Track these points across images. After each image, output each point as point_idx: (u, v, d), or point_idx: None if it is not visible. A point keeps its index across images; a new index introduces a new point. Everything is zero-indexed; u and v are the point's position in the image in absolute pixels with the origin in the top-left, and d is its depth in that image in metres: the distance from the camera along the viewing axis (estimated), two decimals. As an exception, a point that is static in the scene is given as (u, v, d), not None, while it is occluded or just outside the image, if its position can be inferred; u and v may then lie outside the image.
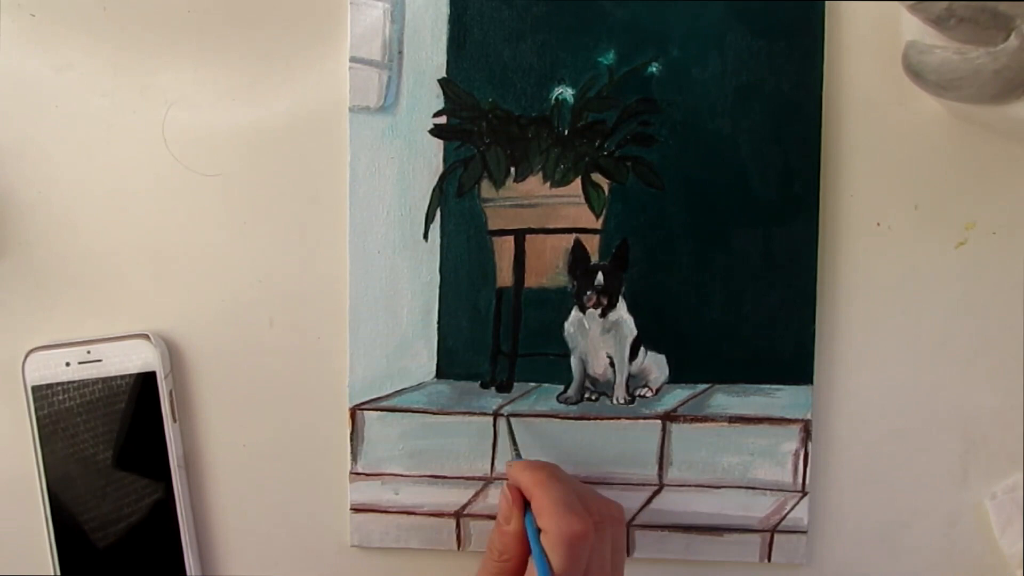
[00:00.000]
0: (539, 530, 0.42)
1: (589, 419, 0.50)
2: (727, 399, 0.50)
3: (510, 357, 0.50)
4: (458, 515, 0.51)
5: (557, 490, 0.42)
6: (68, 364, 0.50)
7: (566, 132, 0.49)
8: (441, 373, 0.50)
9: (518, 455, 0.48)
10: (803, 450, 0.50)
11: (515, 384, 0.50)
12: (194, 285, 0.51)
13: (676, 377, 0.50)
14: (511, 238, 0.50)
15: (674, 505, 0.50)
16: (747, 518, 0.50)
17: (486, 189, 0.50)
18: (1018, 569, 0.49)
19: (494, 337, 0.50)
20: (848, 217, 0.49)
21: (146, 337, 0.50)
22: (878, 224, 0.49)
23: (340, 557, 0.52)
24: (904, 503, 0.50)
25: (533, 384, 0.50)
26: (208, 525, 0.52)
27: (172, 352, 0.51)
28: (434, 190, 0.50)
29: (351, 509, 0.51)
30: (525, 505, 0.43)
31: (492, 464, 0.51)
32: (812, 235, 0.49)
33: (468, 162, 0.50)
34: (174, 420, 0.50)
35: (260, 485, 0.52)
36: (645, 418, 0.50)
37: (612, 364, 0.50)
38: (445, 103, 0.49)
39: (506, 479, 0.46)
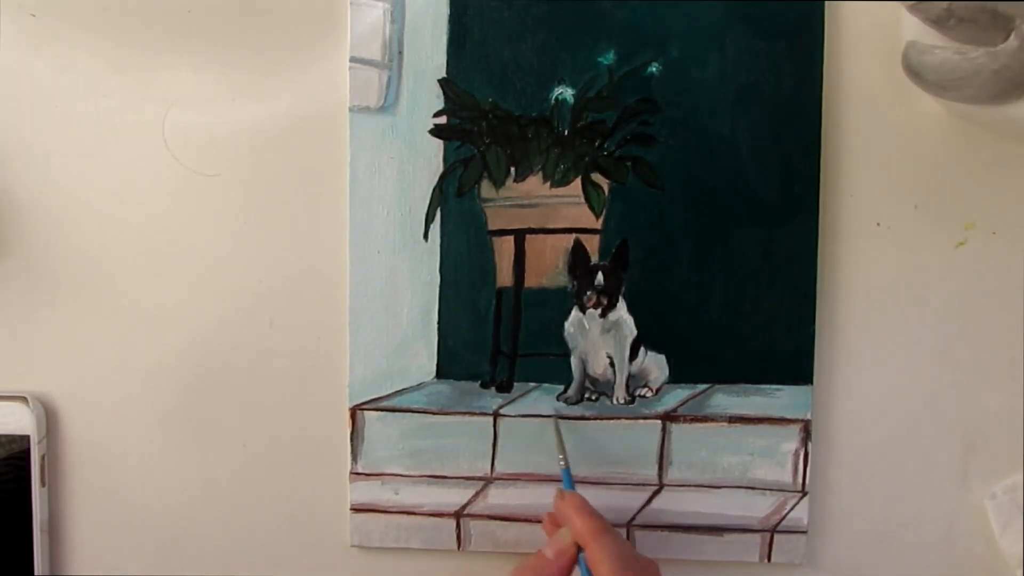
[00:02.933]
0: None
1: (589, 419, 0.50)
2: (727, 399, 0.50)
3: (510, 357, 0.50)
4: (458, 515, 0.51)
5: (614, 545, 0.43)
6: None
7: (566, 132, 0.49)
8: (441, 373, 0.50)
9: (565, 461, 0.48)
10: (803, 450, 0.50)
11: (515, 384, 0.50)
12: (194, 285, 0.51)
13: (676, 377, 0.50)
14: (511, 238, 0.50)
15: (674, 505, 0.50)
16: (747, 518, 0.50)
17: (486, 189, 0.50)
18: (1018, 569, 0.49)
19: (494, 337, 0.50)
20: (848, 217, 0.49)
21: (23, 400, 0.50)
22: (878, 224, 0.49)
23: (340, 557, 0.52)
24: (904, 503, 0.50)
25: (533, 384, 0.50)
26: (208, 525, 0.52)
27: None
28: (434, 190, 0.50)
29: (351, 509, 0.51)
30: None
31: (492, 464, 0.51)
32: (812, 235, 0.49)
33: (468, 162, 0.50)
34: (42, 485, 0.50)
35: (260, 485, 0.52)
36: (645, 418, 0.50)
37: (612, 364, 0.50)
38: (445, 103, 0.49)
39: (556, 505, 0.47)
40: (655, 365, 0.50)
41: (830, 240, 0.49)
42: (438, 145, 0.50)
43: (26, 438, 0.50)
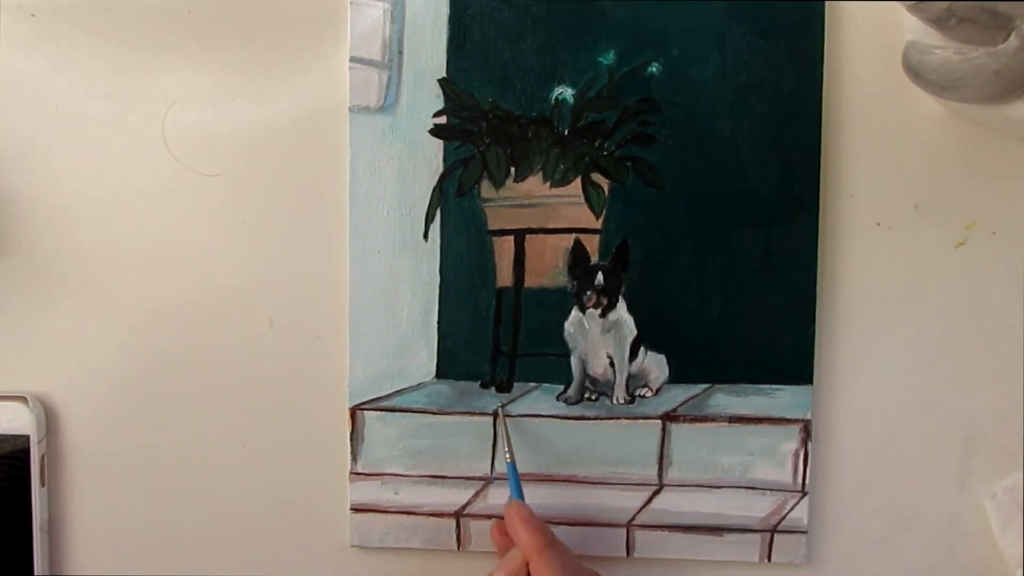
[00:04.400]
0: None
1: (589, 419, 0.50)
2: (727, 399, 0.50)
3: (510, 357, 0.50)
4: (458, 515, 0.51)
5: (557, 560, 0.43)
6: None
7: (566, 132, 0.49)
8: (441, 373, 0.50)
9: (511, 455, 0.48)
10: (803, 450, 0.50)
11: (515, 384, 0.50)
12: (194, 285, 0.51)
13: (676, 377, 0.50)
14: (511, 238, 0.50)
15: (674, 505, 0.50)
16: (747, 518, 0.50)
17: (486, 189, 0.50)
18: (1018, 569, 0.49)
19: (494, 337, 0.50)
20: (848, 217, 0.49)
21: (23, 400, 0.50)
22: (878, 224, 0.49)
23: (340, 557, 0.52)
24: (904, 503, 0.50)
25: (533, 384, 0.50)
26: (208, 525, 0.52)
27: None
28: (434, 190, 0.50)
29: (351, 509, 0.51)
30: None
31: (492, 464, 0.51)
32: (812, 235, 0.49)
33: (468, 162, 0.50)
34: (42, 485, 0.50)
35: (260, 485, 0.52)
36: (645, 418, 0.50)
37: (612, 364, 0.50)
38: (445, 103, 0.49)
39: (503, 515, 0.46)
40: (655, 365, 0.50)
41: (830, 240, 0.49)
42: (438, 145, 0.50)
43: (26, 438, 0.50)
